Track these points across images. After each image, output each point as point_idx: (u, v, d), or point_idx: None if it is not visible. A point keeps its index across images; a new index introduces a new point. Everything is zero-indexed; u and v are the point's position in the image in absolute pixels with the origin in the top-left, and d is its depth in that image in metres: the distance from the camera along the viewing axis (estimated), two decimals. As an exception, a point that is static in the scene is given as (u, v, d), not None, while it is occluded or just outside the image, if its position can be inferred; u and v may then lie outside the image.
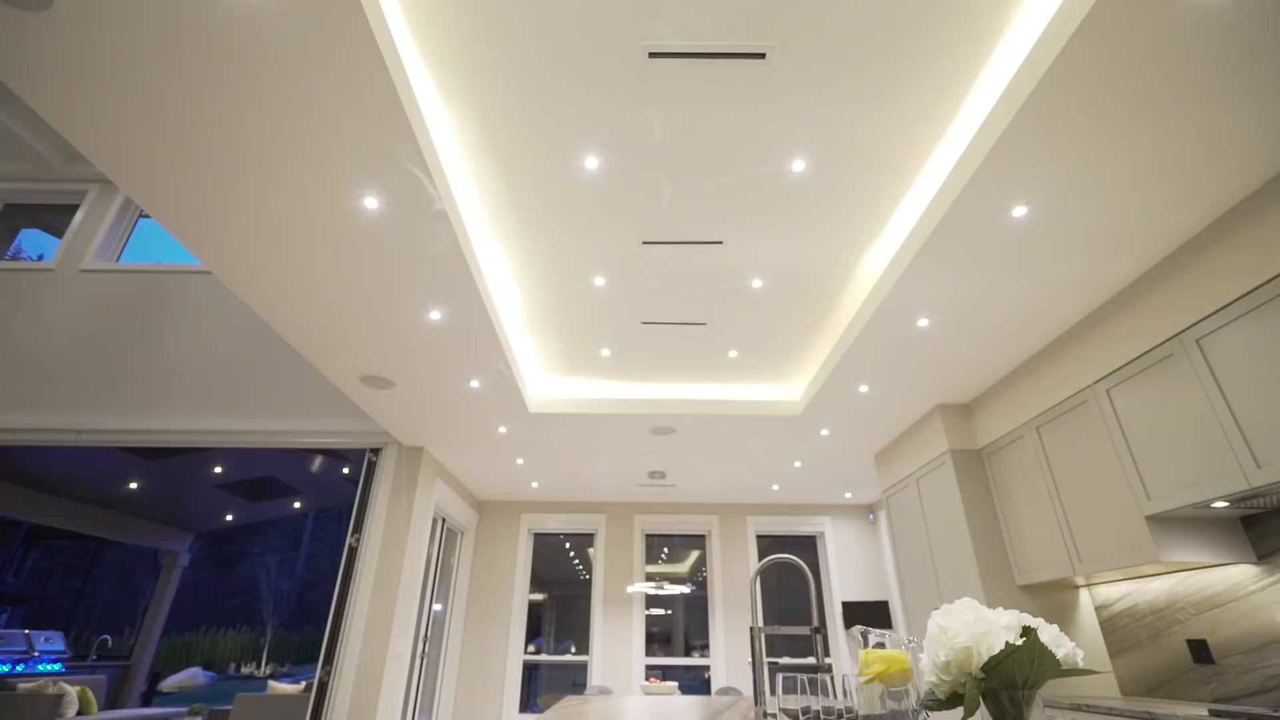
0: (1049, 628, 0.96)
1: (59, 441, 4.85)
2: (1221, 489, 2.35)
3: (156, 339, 5.00)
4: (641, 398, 4.52)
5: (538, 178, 2.62)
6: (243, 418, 4.93)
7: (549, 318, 3.68)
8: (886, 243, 2.96)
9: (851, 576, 6.61)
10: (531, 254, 3.12)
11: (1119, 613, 3.28)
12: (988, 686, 0.94)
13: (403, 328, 3.30)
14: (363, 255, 2.71)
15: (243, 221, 2.48)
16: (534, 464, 5.59)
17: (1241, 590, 2.62)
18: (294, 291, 2.96)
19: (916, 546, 4.41)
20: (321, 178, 2.27)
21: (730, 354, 4.04)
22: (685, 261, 3.14)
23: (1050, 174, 2.23)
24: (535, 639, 6.81)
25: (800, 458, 5.35)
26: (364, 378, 3.83)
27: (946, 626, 0.99)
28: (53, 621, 13.08)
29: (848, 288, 3.34)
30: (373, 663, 4.29)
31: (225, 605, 20.12)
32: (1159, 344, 2.65)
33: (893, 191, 2.68)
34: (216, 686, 14.38)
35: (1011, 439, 3.67)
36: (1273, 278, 2.18)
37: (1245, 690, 2.57)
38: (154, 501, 8.63)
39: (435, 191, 2.34)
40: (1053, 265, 2.73)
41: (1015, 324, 3.21)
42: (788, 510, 6.91)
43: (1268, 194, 2.25)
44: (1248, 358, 2.27)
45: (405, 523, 4.75)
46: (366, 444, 5.02)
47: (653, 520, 6.86)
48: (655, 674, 6.21)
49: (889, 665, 1.08)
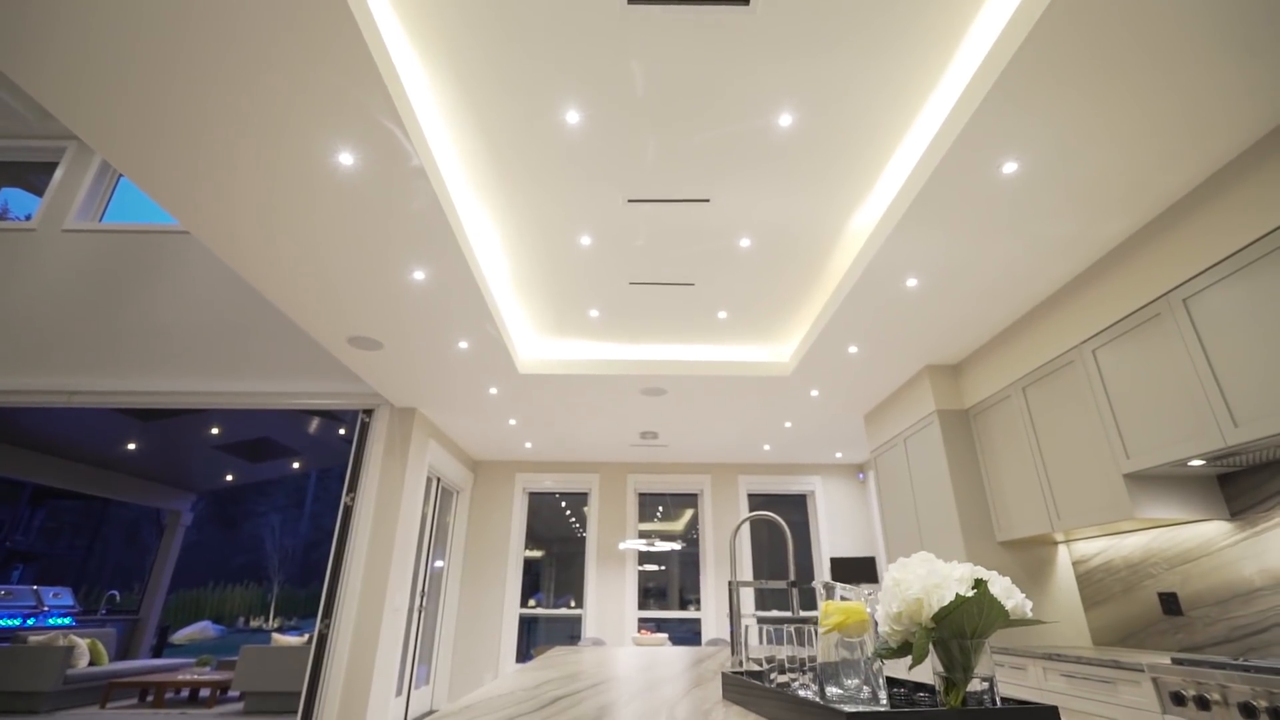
0: (1000, 580, 0.98)
1: (51, 403, 4.87)
2: (1199, 447, 2.37)
3: (147, 300, 4.96)
4: (631, 359, 4.52)
5: (518, 135, 2.55)
6: (235, 379, 4.94)
7: (536, 279, 3.65)
8: (875, 201, 2.91)
9: (841, 534, 6.75)
10: (516, 214, 3.06)
11: (1095, 568, 3.36)
12: (938, 636, 0.96)
13: (388, 288, 3.27)
14: (342, 213, 2.66)
15: (217, 177, 2.43)
16: (526, 425, 5.63)
17: (1213, 546, 2.68)
18: (275, 250, 2.92)
19: (902, 504, 4.49)
20: (294, 132, 2.21)
21: (719, 314, 4.02)
22: (672, 220, 3.09)
23: (1041, 128, 2.17)
24: (536, 594, 7.01)
25: (790, 418, 5.39)
26: (351, 339, 3.82)
27: (900, 579, 1.00)
28: (63, 579, 13.40)
29: (837, 247, 3.30)
30: (370, 616, 4.41)
31: (232, 562, 20.61)
32: (1146, 304, 2.64)
33: (882, 147, 2.62)
34: (225, 639, 14.85)
35: (998, 399, 3.69)
36: (1260, 237, 2.16)
37: (1210, 640, 2.65)
38: (153, 462, 8.73)
39: (411, 146, 2.28)
40: (1043, 224, 2.70)
41: (1004, 284, 3.19)
42: (779, 470, 7.00)
43: (1258, 153, 2.21)
44: (1232, 317, 2.26)
45: (399, 482, 4.81)
46: (359, 405, 5.05)
47: (645, 480, 6.96)
48: (647, 627, 6.40)
49: (847, 616, 1.11)
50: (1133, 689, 2.37)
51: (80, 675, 6.06)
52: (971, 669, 0.95)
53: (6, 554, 14.43)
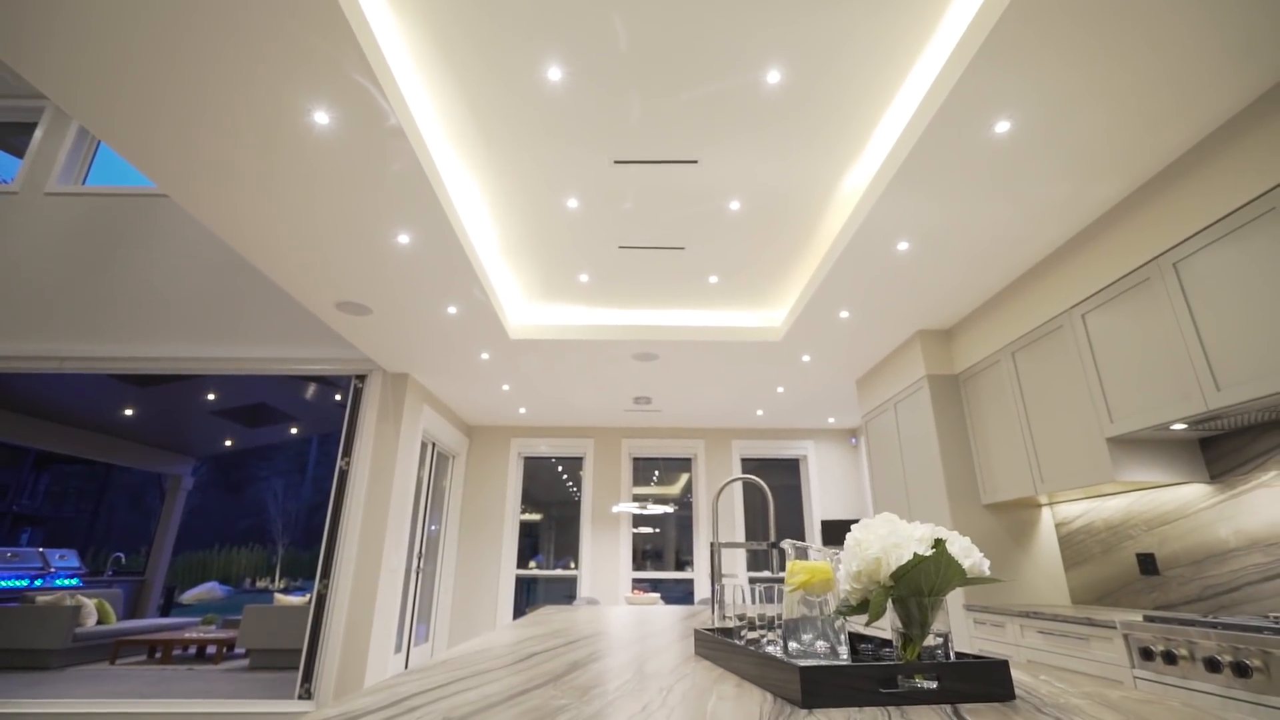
0: (960, 540, 0.99)
1: (42, 369, 4.86)
2: (1180, 411, 2.38)
3: (136, 265, 4.91)
4: (623, 324, 4.50)
5: (499, 94, 2.48)
6: (228, 345, 4.93)
7: (524, 243, 3.60)
8: (866, 162, 2.85)
9: (832, 497, 6.85)
10: (501, 176, 3.00)
11: (1077, 529, 3.42)
12: (897, 594, 0.98)
13: (373, 252, 3.23)
14: (321, 175, 2.61)
15: (188, 136, 2.37)
16: (520, 390, 5.65)
17: (1191, 508, 2.72)
18: (255, 213, 2.87)
19: (891, 468, 4.54)
20: (265, 88, 2.15)
21: (710, 279, 3.99)
22: (660, 182, 3.03)
23: (1034, 86, 2.11)
24: (536, 555, 7.16)
25: (783, 384, 5.40)
26: (339, 304, 3.79)
27: (861, 539, 1.02)
28: (70, 542, 13.65)
29: (827, 210, 3.25)
30: (367, 576, 4.50)
31: (237, 526, 20.99)
32: (1137, 268, 2.61)
33: (873, 107, 2.55)
34: (232, 599, 15.22)
35: (988, 364, 3.69)
36: (1252, 199, 2.12)
37: (1184, 599, 2.71)
38: (152, 427, 8.79)
39: (388, 105, 2.22)
40: (1036, 186, 2.65)
41: (996, 248, 3.15)
42: (772, 434, 7.06)
43: (1253, 114, 2.15)
44: (1221, 281, 2.24)
45: (393, 447, 4.85)
46: (352, 371, 5.05)
47: (639, 444, 7.02)
48: (641, 587, 6.55)
49: (812, 575, 1.12)
50: (1105, 645, 2.44)
51: (89, 633, 6.23)
52: (928, 625, 0.97)
53: (14, 518, 14.67)
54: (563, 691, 0.94)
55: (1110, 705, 0.85)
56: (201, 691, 4.88)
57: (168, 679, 5.44)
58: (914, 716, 0.78)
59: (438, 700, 0.87)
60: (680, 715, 0.79)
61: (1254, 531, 2.43)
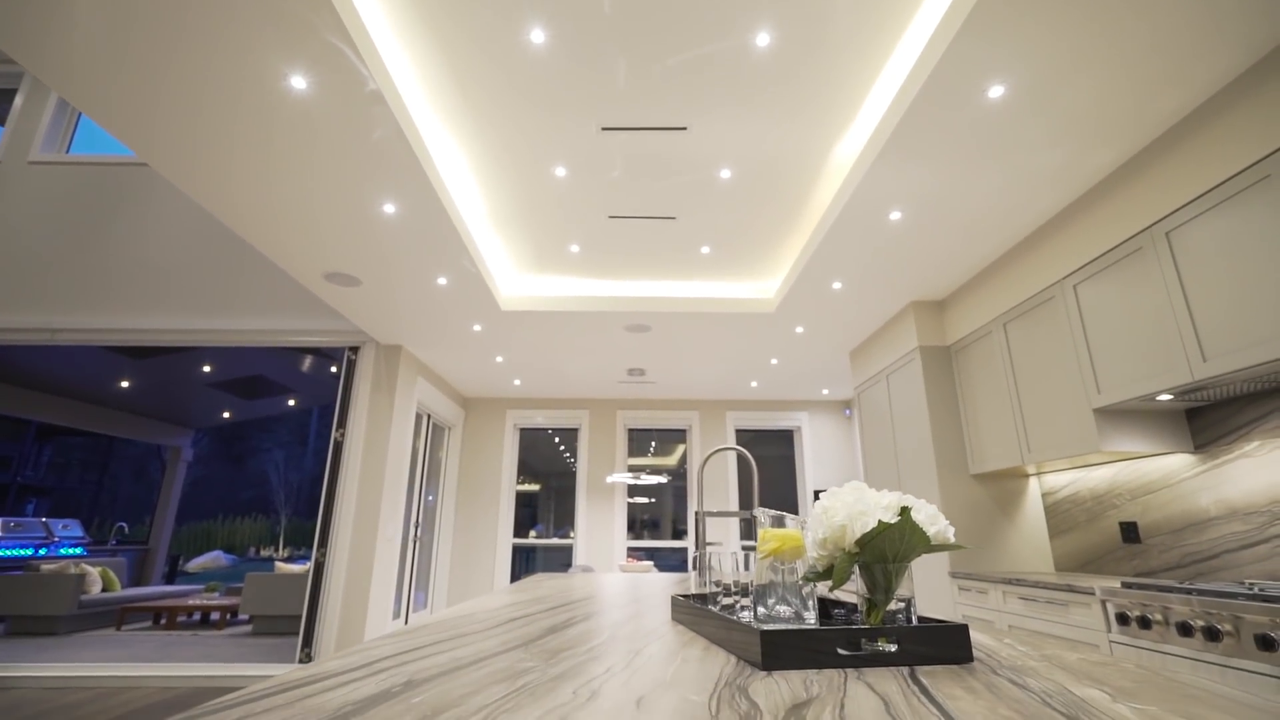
0: (926, 508, 1.00)
1: (33, 341, 4.86)
2: (1167, 382, 2.38)
3: (126, 236, 4.85)
4: (615, 295, 4.47)
5: (482, 58, 2.42)
6: (219, 316, 4.91)
7: (513, 213, 3.55)
8: (858, 129, 2.80)
9: (826, 468, 6.91)
10: (486, 144, 2.95)
11: (1063, 499, 3.46)
12: (862, 560, 0.99)
13: (360, 222, 3.19)
14: (302, 142, 2.56)
15: (163, 100, 2.31)
16: (514, 362, 5.65)
17: (1175, 478, 2.74)
18: (236, 181, 2.82)
19: (882, 438, 4.57)
20: (238, 50, 2.09)
21: (702, 250, 3.95)
22: (649, 150, 2.98)
23: (1028, 50, 2.05)
24: (536, 525, 7.26)
25: (777, 355, 5.40)
26: (328, 275, 3.76)
27: (828, 507, 1.02)
28: (75, 513, 13.81)
29: (820, 179, 3.20)
30: (364, 545, 4.56)
31: (240, 496, 21.24)
32: (1130, 237, 2.58)
33: (865, 71, 2.49)
34: (237, 568, 15.49)
35: (979, 335, 3.68)
36: (1246, 167, 2.09)
37: (1163, 566, 2.76)
38: (149, 399, 8.82)
39: (366, 70, 2.16)
40: (1029, 154, 2.60)
41: (990, 217, 3.11)
42: (766, 406, 7.09)
43: (1252, 78, 2.10)
44: (1213, 251, 2.22)
45: (387, 418, 4.87)
46: (344, 342, 5.04)
47: (634, 416, 7.05)
48: (636, 555, 6.65)
49: (783, 543, 1.14)
50: (1083, 610, 2.48)
51: (94, 600, 6.35)
52: (893, 591, 0.99)
53: (19, 489, 14.83)
54: (533, 654, 0.96)
55: (1065, 667, 0.87)
56: (205, 656, 4.99)
57: (172, 644, 5.56)
58: (871, 678, 0.79)
59: (407, 663, 0.88)
60: (641, 677, 0.80)
61: (1234, 500, 2.46)
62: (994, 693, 0.71)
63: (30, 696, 3.99)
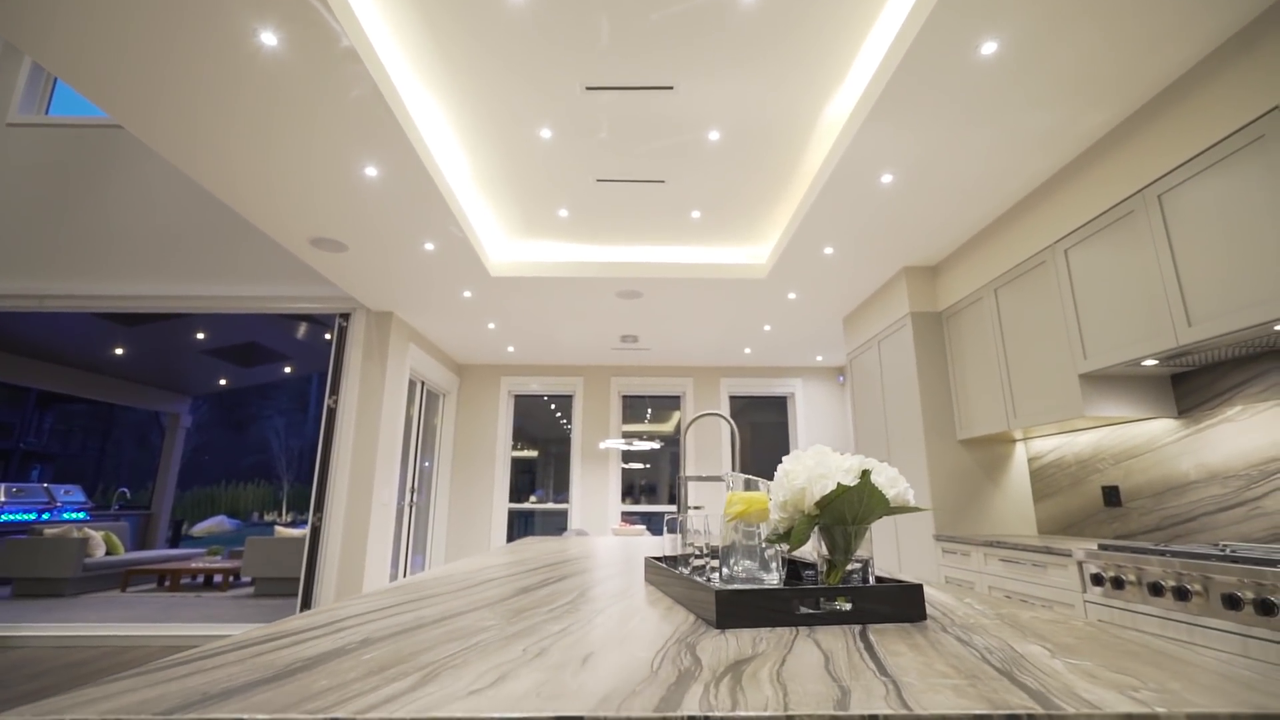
0: (887, 470, 1.01)
1: (20, 307, 4.83)
2: (1152, 347, 2.38)
3: (113, 200, 4.77)
4: (605, 260, 4.43)
5: (460, 13, 2.33)
6: (209, 283, 4.87)
7: (499, 176, 3.49)
8: (849, 89, 2.72)
9: (819, 434, 6.96)
10: (469, 105, 2.87)
11: (1048, 464, 3.49)
12: (822, 522, 1.00)
13: (342, 185, 3.13)
14: (278, 102, 2.49)
15: (133, 57, 2.24)
16: (506, 328, 5.63)
17: (1158, 443, 2.76)
18: (213, 143, 2.76)
19: (872, 404, 4.59)
20: (208, 6, 2.01)
21: (693, 214, 3.90)
22: (635, 111, 2.91)
23: (1023, 4, 1.98)
24: (536, 490, 7.35)
25: (769, 321, 5.38)
26: (313, 240, 3.72)
27: (789, 470, 1.03)
28: (79, 479, 13.97)
29: (810, 141, 3.13)
30: (359, 510, 4.63)
31: (242, 462, 21.47)
32: (1121, 200, 2.54)
33: (856, 24, 2.41)
34: (241, 532, 15.76)
35: (971, 301, 3.66)
36: (1240, 127, 2.04)
37: (1142, 529, 2.80)
38: (145, 366, 8.83)
39: (339, 25, 2.09)
40: (1022, 114, 2.54)
41: (982, 181, 3.06)
42: (760, 373, 7.10)
43: (1248, 36, 2.03)
44: (1204, 214, 2.18)
45: (379, 385, 4.88)
46: (335, 309, 5.02)
47: (628, 382, 7.07)
48: (629, 519, 6.76)
49: (749, 506, 1.14)
50: (1060, 571, 2.53)
51: (98, 563, 6.47)
52: (852, 552, 1.00)
53: (23, 455, 14.97)
54: (496, 614, 0.97)
55: (1017, 625, 0.88)
56: (208, 616, 5.11)
57: (176, 605, 5.69)
58: (821, 635, 0.81)
59: (370, 622, 0.90)
60: (597, 635, 0.82)
61: (1214, 464, 2.48)
62: (936, 649, 0.73)
63: (37, 655, 4.10)
